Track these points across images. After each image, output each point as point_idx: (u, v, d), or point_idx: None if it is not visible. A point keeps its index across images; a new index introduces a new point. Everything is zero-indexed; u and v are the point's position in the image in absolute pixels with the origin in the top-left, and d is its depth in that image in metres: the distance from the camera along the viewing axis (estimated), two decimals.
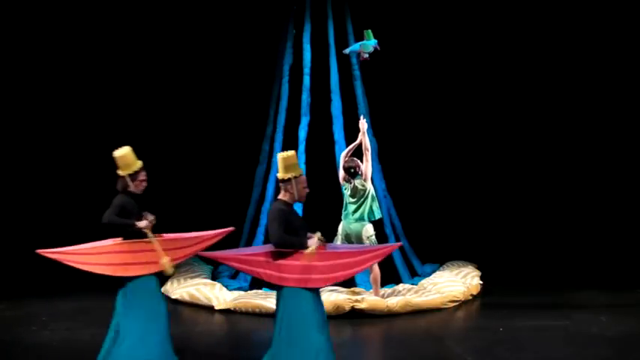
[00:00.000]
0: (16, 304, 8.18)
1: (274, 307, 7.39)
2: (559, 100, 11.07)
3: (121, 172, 5.72)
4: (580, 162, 10.96)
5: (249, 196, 9.44)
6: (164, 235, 5.74)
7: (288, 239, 5.04)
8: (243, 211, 9.40)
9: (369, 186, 7.86)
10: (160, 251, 5.51)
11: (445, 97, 11.19)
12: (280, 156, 5.28)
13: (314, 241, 5.08)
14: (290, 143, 9.01)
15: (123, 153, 5.74)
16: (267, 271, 5.07)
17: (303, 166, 8.76)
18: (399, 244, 5.14)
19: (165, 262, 5.50)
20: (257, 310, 7.50)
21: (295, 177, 5.22)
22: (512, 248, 10.40)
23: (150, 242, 5.54)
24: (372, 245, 5.23)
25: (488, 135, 11.21)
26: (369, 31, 7.99)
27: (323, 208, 8.58)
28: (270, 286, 5.51)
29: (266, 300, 7.59)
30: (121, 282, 5.60)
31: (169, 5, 10.75)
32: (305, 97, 8.93)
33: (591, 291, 8.61)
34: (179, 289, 8.32)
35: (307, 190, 5.33)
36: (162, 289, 8.61)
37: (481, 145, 11.25)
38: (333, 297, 7.48)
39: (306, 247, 5.05)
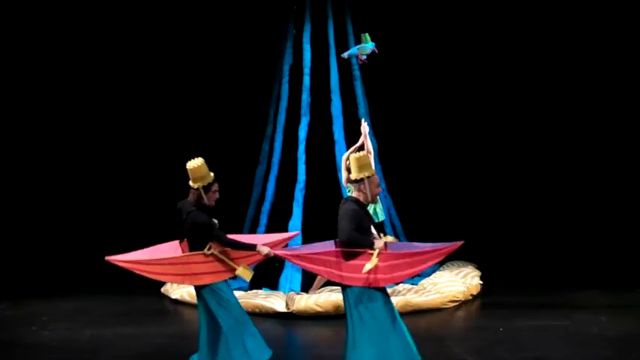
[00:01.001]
0: (16, 304, 8.19)
1: (274, 307, 7.46)
2: (559, 100, 11.06)
3: (193, 185, 5.54)
4: (580, 162, 10.96)
5: (249, 196, 9.44)
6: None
7: (357, 238, 4.99)
8: (243, 211, 9.41)
9: None
10: (228, 262, 5.47)
11: (445, 97, 11.19)
12: (353, 157, 5.22)
13: (380, 243, 5.03)
14: (290, 143, 9.02)
15: (197, 165, 5.50)
16: (331, 270, 5.04)
17: (303, 166, 8.78)
18: (461, 242, 5.14)
19: (242, 271, 5.46)
20: (257, 310, 7.50)
21: (368, 177, 5.18)
22: (512, 248, 10.39)
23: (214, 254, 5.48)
24: (433, 244, 5.21)
25: (488, 135, 11.21)
26: (367, 34, 7.99)
27: (323, 208, 8.58)
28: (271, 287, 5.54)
29: (266, 300, 7.59)
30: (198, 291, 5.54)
31: (169, 5, 10.75)
32: (305, 97, 8.93)
33: (591, 291, 8.60)
34: (179, 289, 8.32)
35: (380, 190, 5.31)
36: (163, 289, 8.66)
37: (481, 146, 11.25)
38: (333, 297, 7.48)
39: (373, 248, 4.99)
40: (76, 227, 10.69)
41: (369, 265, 4.91)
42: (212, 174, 5.58)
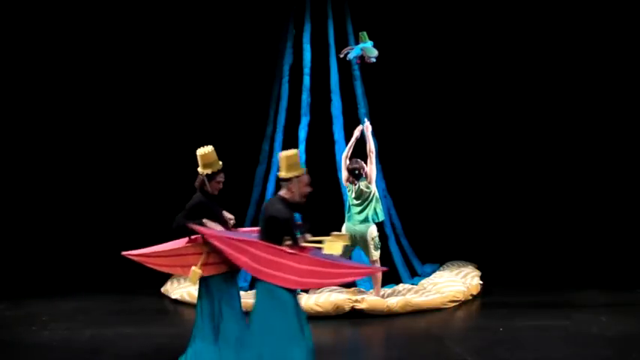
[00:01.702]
0: (16, 304, 8.19)
1: None
2: (559, 100, 11.05)
3: (201, 170, 5.64)
4: (580, 162, 10.96)
5: (249, 196, 9.43)
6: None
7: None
8: (243, 211, 9.40)
9: (374, 188, 7.86)
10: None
11: (445, 97, 11.18)
12: (283, 155, 5.26)
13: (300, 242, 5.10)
14: (290, 143, 9.01)
15: (206, 151, 5.64)
16: (247, 260, 5.05)
17: (303, 166, 8.76)
18: (384, 268, 5.19)
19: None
20: None
21: (297, 176, 5.21)
22: (512, 248, 10.39)
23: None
24: (354, 262, 5.26)
25: (488, 135, 11.20)
26: (365, 33, 7.99)
27: (323, 208, 8.58)
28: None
29: None
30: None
31: (169, 5, 10.75)
32: (305, 97, 8.93)
33: (591, 291, 8.61)
34: (179, 289, 8.32)
35: (309, 190, 5.31)
36: (163, 289, 8.66)
37: (481, 146, 11.25)
38: (333, 297, 7.48)
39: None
40: (76, 227, 10.69)
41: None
42: (220, 163, 5.64)
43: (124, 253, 5.53)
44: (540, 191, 11.12)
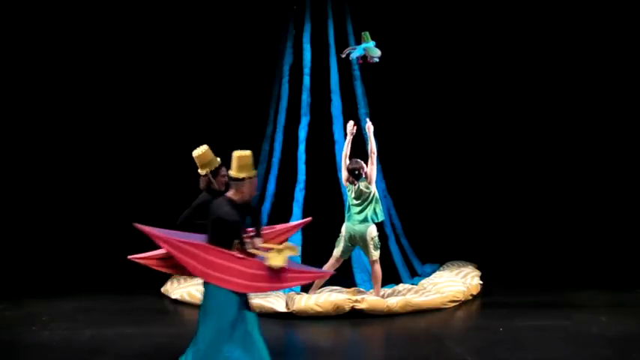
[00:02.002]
0: (16, 304, 8.18)
1: (274, 307, 7.46)
2: (559, 100, 11.06)
3: (201, 171, 5.67)
4: (580, 162, 10.96)
5: None
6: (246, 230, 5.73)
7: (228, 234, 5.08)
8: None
9: (374, 189, 7.86)
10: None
11: (445, 97, 11.19)
12: (236, 154, 5.23)
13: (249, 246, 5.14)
14: (290, 143, 9.02)
15: (201, 152, 5.66)
16: (194, 262, 5.03)
17: (303, 166, 8.78)
18: (331, 272, 5.23)
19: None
20: (256, 310, 7.47)
21: (249, 177, 5.21)
22: (512, 248, 10.40)
23: None
24: (304, 266, 5.26)
25: (488, 135, 11.21)
26: (367, 33, 7.98)
27: (323, 208, 8.59)
28: None
29: (266, 300, 7.59)
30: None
31: (169, 5, 10.75)
32: (305, 97, 8.93)
33: (591, 291, 8.61)
34: (179, 289, 8.32)
35: (255, 193, 5.33)
36: (163, 289, 8.66)
37: (481, 146, 11.25)
38: (333, 297, 7.48)
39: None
40: (76, 227, 10.69)
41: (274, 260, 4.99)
42: (218, 159, 5.65)
43: (130, 257, 5.54)
44: (540, 191, 11.13)
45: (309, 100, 8.94)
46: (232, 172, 5.21)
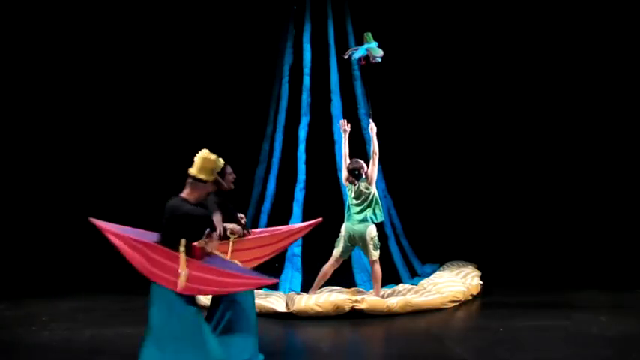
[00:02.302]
0: (16, 304, 8.18)
1: (274, 307, 7.46)
2: (559, 100, 11.07)
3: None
4: (580, 162, 10.96)
5: (249, 196, 9.44)
6: (253, 231, 5.82)
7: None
8: (243, 211, 9.37)
9: (374, 189, 7.85)
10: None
11: (445, 97, 11.20)
12: (203, 155, 5.25)
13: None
14: (290, 143, 9.02)
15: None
16: (142, 260, 5.06)
17: (303, 166, 8.78)
18: (274, 280, 5.35)
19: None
20: (257, 310, 7.48)
21: (207, 181, 5.24)
22: (512, 248, 10.40)
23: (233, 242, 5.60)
24: (248, 271, 5.33)
25: (488, 135, 11.22)
26: (369, 34, 7.98)
27: (323, 208, 8.58)
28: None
29: (266, 300, 7.59)
30: None
31: (169, 5, 10.76)
32: (305, 97, 8.93)
33: (591, 291, 8.61)
34: None
35: (206, 198, 5.39)
36: None
37: (481, 146, 11.26)
38: (333, 297, 7.48)
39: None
40: (76, 227, 10.68)
41: (182, 271, 4.99)
42: (220, 159, 5.65)
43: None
44: (540, 191, 11.13)
45: (309, 100, 8.94)
46: (193, 171, 5.22)
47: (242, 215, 5.87)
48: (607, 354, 5.98)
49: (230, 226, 5.64)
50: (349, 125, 8.11)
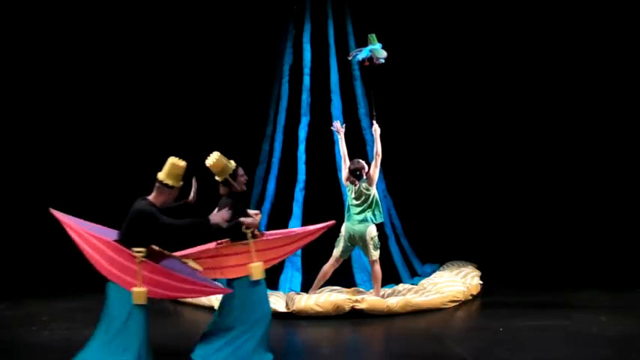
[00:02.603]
0: (16, 304, 8.18)
1: (274, 307, 7.44)
2: (558, 100, 11.07)
3: (219, 179, 5.77)
4: (580, 162, 10.96)
5: (249, 195, 9.44)
6: (265, 233, 5.85)
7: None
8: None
9: (374, 191, 7.85)
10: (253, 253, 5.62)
11: (445, 97, 11.20)
12: (171, 161, 5.37)
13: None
14: (290, 143, 9.02)
15: (215, 160, 5.74)
16: (99, 258, 5.21)
17: (303, 166, 8.77)
18: (229, 290, 5.47)
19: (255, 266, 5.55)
20: None
21: (174, 187, 5.33)
22: (512, 248, 10.40)
23: (247, 244, 5.65)
24: (203, 278, 5.46)
25: (487, 135, 11.22)
26: (373, 35, 7.98)
27: (323, 207, 8.59)
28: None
29: None
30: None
31: (169, 5, 10.76)
32: (305, 97, 8.93)
33: (591, 291, 8.61)
34: None
35: (170, 204, 5.47)
36: None
37: (481, 146, 11.26)
38: (333, 297, 7.48)
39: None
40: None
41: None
42: (232, 162, 5.68)
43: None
44: (540, 191, 11.13)
45: (309, 100, 8.94)
46: (161, 175, 5.33)
47: (257, 212, 5.92)
48: (607, 354, 5.98)
49: (247, 220, 5.64)
50: (344, 126, 8.12)
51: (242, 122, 10.63)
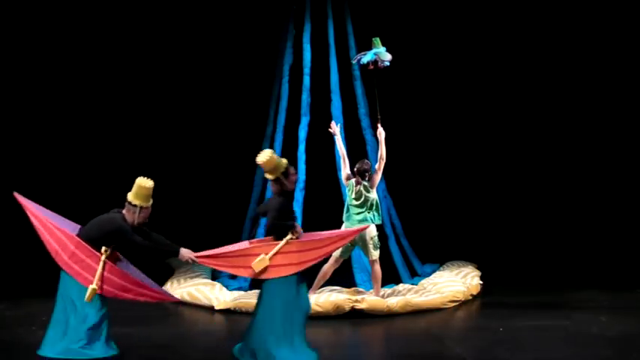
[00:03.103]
0: (16, 304, 8.18)
1: None
2: (558, 100, 11.07)
3: (271, 176, 5.79)
4: (579, 162, 10.96)
5: (249, 196, 9.44)
6: (306, 234, 5.90)
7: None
8: (243, 211, 9.40)
9: (374, 194, 7.84)
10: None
11: (445, 97, 11.19)
12: (138, 182, 5.62)
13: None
14: (290, 143, 9.01)
15: (267, 158, 5.76)
16: (58, 249, 5.72)
17: (303, 166, 8.77)
18: (177, 299, 5.71)
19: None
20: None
21: (142, 207, 5.62)
22: (512, 248, 10.39)
23: (288, 243, 5.70)
24: (155, 285, 5.71)
25: (487, 135, 11.22)
26: (378, 39, 7.98)
27: (323, 208, 8.59)
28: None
29: None
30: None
31: (169, 5, 10.76)
32: (305, 97, 8.93)
33: (591, 291, 8.61)
34: (179, 289, 8.32)
35: (144, 222, 5.72)
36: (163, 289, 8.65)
37: (481, 146, 11.26)
38: (333, 297, 7.48)
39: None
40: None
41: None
42: (284, 160, 5.74)
43: (196, 255, 5.73)
44: (540, 191, 11.13)
45: (309, 100, 8.93)
46: (129, 196, 5.63)
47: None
48: (607, 354, 5.99)
49: (299, 228, 5.76)
50: (339, 126, 8.11)
51: (242, 122, 10.62)
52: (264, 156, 5.74)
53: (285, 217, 5.74)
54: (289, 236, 5.70)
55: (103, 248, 5.64)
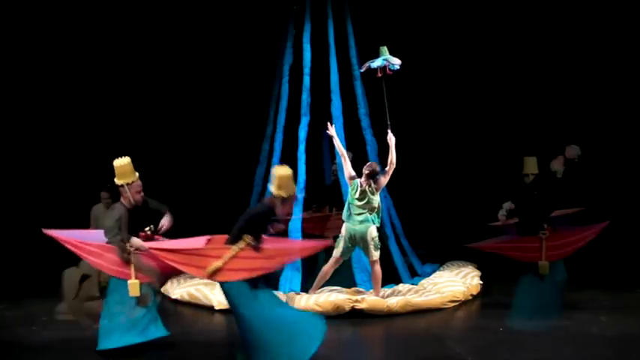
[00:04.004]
0: (16, 304, 8.18)
1: None
2: (558, 100, 11.07)
3: (276, 193, 6.02)
4: (579, 162, 10.95)
5: (249, 196, 9.44)
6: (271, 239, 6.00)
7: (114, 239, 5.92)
8: (242, 211, 9.38)
9: (377, 197, 7.82)
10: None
11: (445, 97, 11.20)
12: (115, 163, 5.88)
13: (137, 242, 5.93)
14: (290, 143, 9.02)
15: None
16: (101, 262, 5.95)
17: (303, 166, 8.77)
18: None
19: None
20: None
21: (128, 183, 5.80)
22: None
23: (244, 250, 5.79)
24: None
25: (487, 135, 11.22)
26: (385, 47, 7.99)
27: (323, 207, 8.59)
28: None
29: None
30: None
31: (170, 5, 10.76)
32: (305, 97, 8.92)
33: (591, 291, 8.60)
34: (179, 289, 8.33)
35: (141, 195, 5.89)
36: (162, 289, 8.65)
37: (480, 146, 11.26)
38: (333, 297, 7.48)
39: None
40: (76, 227, 10.67)
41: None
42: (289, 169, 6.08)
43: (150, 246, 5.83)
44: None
45: (309, 100, 8.93)
46: (116, 179, 5.91)
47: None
48: (607, 354, 5.99)
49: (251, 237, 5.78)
50: (333, 127, 8.12)
51: (242, 122, 10.62)
52: (281, 170, 6.02)
53: (251, 226, 5.74)
54: (244, 243, 5.66)
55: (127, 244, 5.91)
